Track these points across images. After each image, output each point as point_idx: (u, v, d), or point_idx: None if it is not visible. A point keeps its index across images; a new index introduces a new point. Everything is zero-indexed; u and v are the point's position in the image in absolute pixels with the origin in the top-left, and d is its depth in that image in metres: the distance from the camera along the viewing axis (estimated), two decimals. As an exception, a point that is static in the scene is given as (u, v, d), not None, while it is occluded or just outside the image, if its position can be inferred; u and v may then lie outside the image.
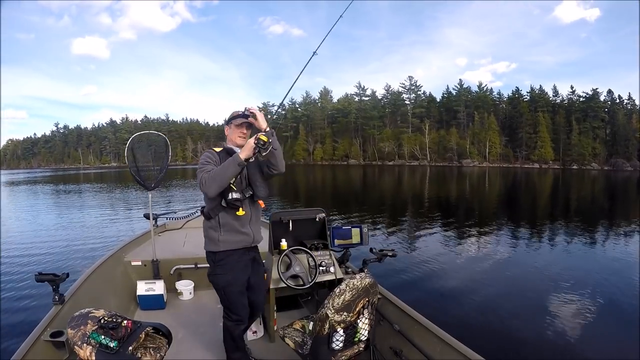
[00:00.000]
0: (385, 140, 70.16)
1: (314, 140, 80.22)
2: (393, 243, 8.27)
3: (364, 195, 20.41)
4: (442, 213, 13.01)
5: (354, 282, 1.67)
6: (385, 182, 31.00)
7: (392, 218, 11.80)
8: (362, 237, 2.84)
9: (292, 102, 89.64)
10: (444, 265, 6.59)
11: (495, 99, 70.44)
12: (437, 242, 8.42)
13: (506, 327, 4.27)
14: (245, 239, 2.06)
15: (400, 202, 16.84)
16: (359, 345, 1.83)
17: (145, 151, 3.55)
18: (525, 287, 5.54)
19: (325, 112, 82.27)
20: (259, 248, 2.47)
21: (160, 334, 1.81)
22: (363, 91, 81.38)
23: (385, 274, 5.76)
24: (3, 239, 9.51)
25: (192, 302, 3.30)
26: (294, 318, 2.22)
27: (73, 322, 1.53)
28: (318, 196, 20.18)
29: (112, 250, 3.49)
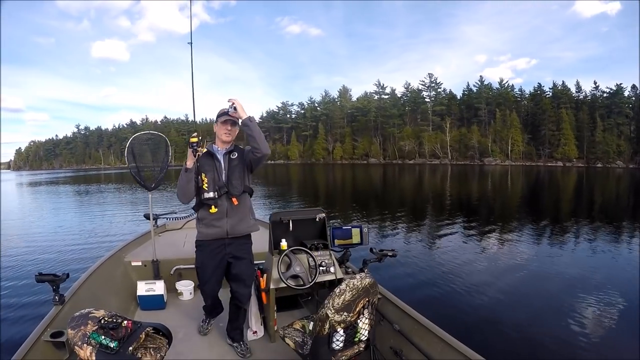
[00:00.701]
0: (406, 139, 68.84)
1: (334, 139, 79.50)
2: (411, 244, 8.13)
3: (384, 195, 19.98)
4: (461, 213, 12.68)
5: (354, 282, 1.67)
6: (405, 181, 30.29)
7: (411, 218, 11.56)
8: (362, 237, 2.84)
9: (311, 101, 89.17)
10: (456, 265, 6.49)
11: (516, 95, 68.10)
12: (455, 243, 8.24)
13: (509, 327, 4.25)
14: (219, 232, 2.29)
15: (420, 202, 16.42)
16: (359, 345, 1.83)
17: (146, 151, 3.55)
18: (537, 288, 5.43)
19: (345, 111, 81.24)
20: (258, 248, 2.59)
21: (160, 334, 1.81)
22: (382, 89, 79.85)
23: (389, 274, 5.74)
24: (4, 239, 9.52)
25: (193, 302, 3.30)
26: (294, 318, 2.22)
27: (73, 322, 1.53)
28: (337, 196, 19.83)
29: (112, 251, 3.50)
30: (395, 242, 8.37)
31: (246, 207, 2.40)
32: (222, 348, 2.55)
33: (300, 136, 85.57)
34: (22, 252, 7.98)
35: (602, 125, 56.64)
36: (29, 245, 8.67)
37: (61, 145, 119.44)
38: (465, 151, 63.87)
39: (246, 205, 2.40)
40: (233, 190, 2.27)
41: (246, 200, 2.40)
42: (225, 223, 2.29)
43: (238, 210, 2.32)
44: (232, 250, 2.36)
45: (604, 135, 55.80)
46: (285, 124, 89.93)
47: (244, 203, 2.36)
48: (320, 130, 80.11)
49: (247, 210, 2.42)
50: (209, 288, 2.44)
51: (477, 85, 70.61)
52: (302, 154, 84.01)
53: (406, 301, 2.37)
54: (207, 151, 2.34)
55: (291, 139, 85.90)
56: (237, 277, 2.39)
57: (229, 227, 2.30)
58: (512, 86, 69.34)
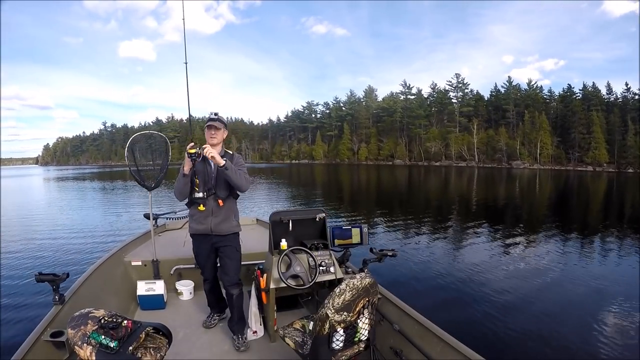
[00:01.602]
0: (432, 140, 66.85)
1: (359, 139, 78.31)
2: (432, 247, 7.98)
3: (408, 197, 19.56)
4: (485, 217, 12.25)
5: (354, 282, 1.67)
6: (430, 183, 29.58)
7: (434, 221, 11.30)
8: (362, 237, 2.84)
9: (337, 100, 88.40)
10: (472, 269, 6.37)
11: (545, 97, 65.31)
12: (474, 247, 8.09)
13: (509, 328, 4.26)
14: (205, 229, 2.54)
15: (445, 205, 16.03)
16: (359, 345, 1.83)
17: (146, 151, 3.55)
18: (545, 293, 5.36)
19: (370, 111, 79.95)
20: (258, 248, 2.74)
21: (160, 334, 1.81)
22: (409, 89, 78.08)
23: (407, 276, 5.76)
24: (4, 238, 9.52)
25: (193, 302, 3.30)
26: (294, 318, 2.22)
27: (73, 322, 1.53)
28: (361, 197, 19.49)
29: (112, 250, 3.50)
30: (416, 246, 8.18)
31: (230, 209, 2.61)
32: (222, 348, 2.55)
33: (325, 136, 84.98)
34: (21, 252, 7.99)
35: (634, 128, 53.33)
36: (29, 245, 8.67)
37: (88, 142, 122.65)
38: (492, 154, 61.83)
39: (231, 207, 2.62)
40: (220, 192, 2.52)
41: (231, 203, 2.62)
42: (210, 221, 2.53)
43: (222, 211, 2.55)
44: (218, 244, 2.60)
45: (635, 139, 52.53)
46: (310, 124, 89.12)
47: (228, 205, 2.59)
48: (345, 131, 79.38)
49: (231, 212, 2.61)
50: (206, 271, 2.74)
51: (505, 86, 68.46)
52: (327, 154, 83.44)
53: (407, 301, 2.37)
54: (202, 156, 2.54)
55: (316, 138, 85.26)
56: (222, 269, 2.65)
57: (213, 225, 2.53)
58: (540, 87, 66.97)
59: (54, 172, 61.79)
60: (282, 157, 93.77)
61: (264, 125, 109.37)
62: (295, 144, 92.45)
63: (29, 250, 8.19)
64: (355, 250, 2.88)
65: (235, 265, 2.63)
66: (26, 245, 8.72)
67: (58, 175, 49.53)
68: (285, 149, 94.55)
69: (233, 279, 2.61)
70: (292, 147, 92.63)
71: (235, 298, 2.60)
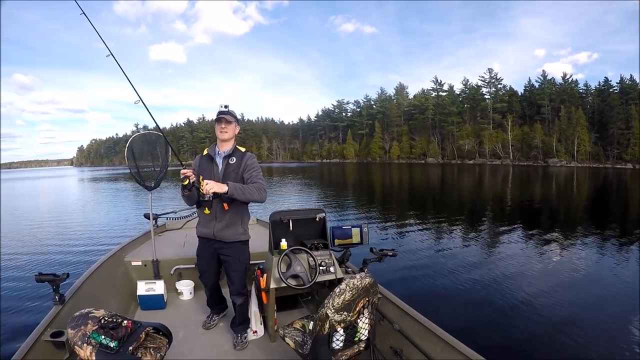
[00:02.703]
0: (465, 138, 64.76)
1: (390, 137, 77.11)
2: (466, 250, 7.70)
3: (441, 197, 18.81)
4: (517, 218, 11.65)
5: (354, 282, 1.67)
6: (464, 182, 28.38)
7: (465, 221, 10.95)
8: (362, 237, 2.83)
9: (367, 98, 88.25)
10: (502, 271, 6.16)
11: (581, 91, 61.70)
12: (505, 249, 7.78)
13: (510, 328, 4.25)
14: (208, 233, 2.45)
15: (478, 205, 15.39)
16: (359, 345, 1.83)
17: (146, 151, 3.55)
18: (555, 296, 5.17)
19: (402, 109, 78.55)
20: (258, 248, 2.69)
21: (160, 334, 1.81)
22: (440, 86, 75.72)
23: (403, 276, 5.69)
24: (4, 239, 9.53)
25: (193, 302, 3.30)
26: (294, 318, 2.22)
27: (73, 322, 1.53)
28: (393, 197, 18.86)
29: (112, 251, 3.50)
30: (447, 248, 7.97)
31: (237, 215, 2.43)
32: (222, 348, 2.55)
33: (356, 135, 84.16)
34: (22, 252, 7.99)
35: (677, 122, 49.31)
36: (28, 245, 8.68)
37: (121, 143, 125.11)
38: (528, 151, 58.78)
39: (238, 212, 2.43)
40: (222, 195, 2.27)
41: (239, 207, 2.42)
42: (214, 226, 2.40)
43: (227, 216, 2.39)
44: (221, 251, 2.49)
45: (679, 133, 48.77)
46: (341, 122, 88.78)
47: (234, 210, 2.40)
48: (376, 129, 78.20)
49: (238, 218, 2.44)
50: (204, 277, 2.67)
51: (539, 81, 65.08)
52: (358, 152, 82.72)
53: (407, 301, 2.37)
54: (208, 154, 2.44)
55: (347, 137, 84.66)
56: (227, 275, 2.57)
57: (216, 231, 2.41)
58: (575, 81, 63.40)
59: (88, 173, 63.06)
60: (313, 156, 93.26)
61: (295, 124, 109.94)
62: (326, 143, 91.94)
63: (29, 250, 8.20)
64: (355, 250, 2.88)
65: (240, 277, 2.53)
66: (26, 245, 8.73)
67: (91, 176, 50.28)
68: (316, 148, 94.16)
69: (237, 289, 2.55)
70: (323, 146, 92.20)
71: (239, 306, 2.57)
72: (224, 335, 2.70)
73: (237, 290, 2.55)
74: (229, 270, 2.52)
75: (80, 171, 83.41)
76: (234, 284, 2.53)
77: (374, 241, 7.84)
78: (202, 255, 2.59)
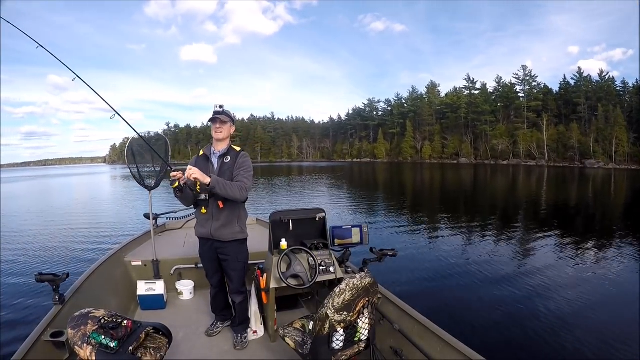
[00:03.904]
0: (499, 137, 62.23)
1: (422, 137, 75.06)
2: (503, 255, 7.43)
3: (473, 200, 17.89)
4: (549, 223, 10.86)
5: (354, 282, 1.67)
6: (497, 184, 27.14)
7: (497, 227, 10.30)
8: (362, 236, 2.83)
9: (398, 97, 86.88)
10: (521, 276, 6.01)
11: (618, 89, 58.26)
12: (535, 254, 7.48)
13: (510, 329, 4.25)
14: (205, 233, 2.46)
15: (512, 208, 14.68)
16: (359, 345, 1.83)
17: (146, 151, 3.55)
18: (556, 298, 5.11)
19: (433, 107, 76.34)
20: (258, 248, 2.71)
21: (160, 333, 1.81)
22: (473, 84, 72.89)
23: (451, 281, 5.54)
24: (4, 239, 9.53)
25: (193, 302, 3.30)
26: (294, 318, 2.22)
27: (73, 322, 1.53)
28: (424, 199, 18.13)
29: (112, 251, 3.50)
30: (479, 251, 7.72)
31: (233, 213, 2.44)
32: (222, 348, 2.55)
33: (388, 134, 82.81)
34: (22, 252, 7.99)
35: None
36: (28, 245, 8.68)
37: (152, 142, 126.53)
38: (564, 152, 56.03)
39: (234, 211, 2.44)
40: (206, 187, 2.29)
41: (234, 206, 2.43)
42: (211, 225, 2.42)
43: (223, 215, 2.40)
44: (219, 251, 2.50)
45: None
46: (372, 122, 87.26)
47: (230, 208, 2.41)
48: (408, 128, 76.72)
49: (234, 217, 2.45)
50: (210, 275, 2.66)
51: (575, 78, 61.69)
52: (390, 152, 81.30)
53: (407, 301, 2.37)
54: (204, 154, 2.49)
55: (378, 136, 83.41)
56: (226, 275, 2.61)
57: (213, 230, 2.42)
58: (612, 79, 59.70)
59: (120, 171, 63.32)
60: (344, 155, 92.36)
61: (325, 123, 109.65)
62: (357, 142, 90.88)
63: (29, 250, 8.20)
64: (355, 250, 2.88)
65: (238, 276, 2.56)
66: (26, 245, 8.73)
67: (122, 174, 50.19)
68: (347, 147, 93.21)
69: (236, 288, 2.57)
70: (354, 146, 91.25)
71: (238, 305, 2.60)
72: (224, 335, 2.70)
73: (236, 288, 2.57)
74: (227, 269, 2.53)
75: (113, 169, 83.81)
76: (233, 282, 2.56)
77: (399, 245, 7.87)
78: (204, 255, 2.60)
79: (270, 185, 25.62)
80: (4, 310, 4.72)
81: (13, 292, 5.39)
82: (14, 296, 5.23)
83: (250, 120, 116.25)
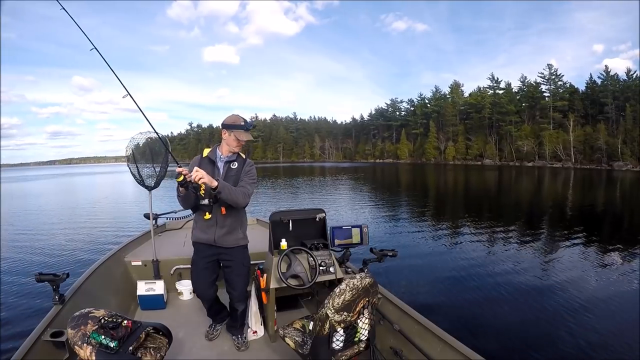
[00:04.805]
0: (524, 138, 60.52)
1: (446, 137, 73.07)
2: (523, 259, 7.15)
3: (497, 204, 16.96)
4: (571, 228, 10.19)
5: (354, 282, 1.67)
6: (522, 187, 25.89)
7: (521, 232, 9.83)
8: (362, 237, 2.83)
9: (421, 97, 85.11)
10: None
11: None
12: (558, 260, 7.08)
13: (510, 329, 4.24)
14: (208, 239, 2.39)
15: (537, 212, 13.92)
16: (359, 345, 1.83)
17: (146, 151, 3.55)
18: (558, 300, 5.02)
19: (457, 108, 74.30)
20: (258, 248, 2.70)
21: (160, 333, 1.81)
22: (497, 84, 70.83)
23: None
24: (4, 239, 9.53)
25: (193, 302, 3.30)
26: (294, 318, 2.22)
27: (73, 322, 1.53)
28: (447, 203, 17.31)
29: (112, 250, 3.50)
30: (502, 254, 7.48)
31: (237, 220, 2.43)
32: (222, 348, 2.55)
33: (410, 134, 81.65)
34: (22, 252, 7.99)
35: None
36: (28, 245, 8.68)
37: (175, 141, 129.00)
38: (591, 153, 53.75)
39: (237, 217, 2.43)
40: (212, 190, 2.26)
41: (238, 212, 2.42)
42: (215, 232, 2.38)
43: (227, 221, 2.38)
44: (222, 257, 2.45)
45: None
46: (394, 122, 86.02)
47: (234, 215, 2.40)
48: (431, 128, 75.10)
49: (238, 223, 2.44)
50: (198, 288, 2.54)
51: (602, 77, 59.02)
52: (412, 153, 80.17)
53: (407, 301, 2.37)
54: (209, 157, 2.44)
55: (401, 137, 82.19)
56: (228, 282, 2.50)
57: (217, 237, 2.38)
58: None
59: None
60: (366, 156, 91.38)
61: (347, 123, 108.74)
62: (379, 142, 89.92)
63: (29, 250, 8.20)
64: (355, 250, 2.88)
65: (243, 281, 2.50)
66: (26, 245, 8.73)
67: None
68: (369, 147, 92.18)
69: (241, 295, 2.50)
70: (376, 146, 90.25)
71: (241, 312, 2.54)
72: (224, 335, 2.70)
73: (240, 295, 2.49)
74: (231, 275, 2.46)
75: None
76: (236, 289, 2.47)
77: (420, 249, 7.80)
78: (197, 261, 2.48)
79: (290, 184, 26.01)
80: (4, 310, 4.72)
81: (13, 292, 5.39)
82: (14, 296, 5.23)
83: (272, 120, 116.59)
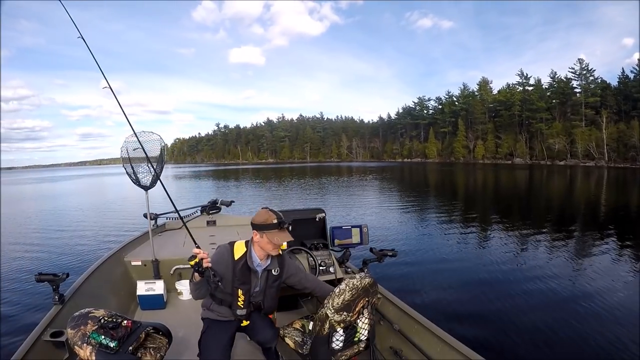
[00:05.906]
0: (555, 136, 58.11)
1: (475, 136, 71.54)
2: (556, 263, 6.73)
3: (528, 207, 15.40)
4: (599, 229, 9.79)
5: (354, 282, 1.67)
6: (553, 188, 24.39)
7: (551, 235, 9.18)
8: (362, 237, 2.83)
9: (449, 94, 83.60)
10: None
11: None
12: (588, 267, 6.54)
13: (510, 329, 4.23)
14: (228, 316, 2.04)
15: (568, 213, 13.32)
16: (358, 345, 1.83)
17: (142, 151, 3.53)
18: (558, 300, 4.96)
19: (486, 105, 72.27)
20: None
21: (160, 333, 1.81)
22: (526, 80, 68.57)
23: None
24: (4, 239, 9.52)
25: (192, 302, 3.29)
26: (294, 318, 2.21)
27: (73, 322, 1.53)
28: (477, 202, 16.92)
29: (112, 250, 3.49)
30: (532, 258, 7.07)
31: None
32: None
33: (439, 133, 79.89)
34: (22, 252, 7.99)
35: None
36: (28, 245, 8.68)
37: (203, 142, 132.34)
38: (624, 151, 50.94)
39: None
40: (267, 309, 2.08)
41: None
42: (241, 322, 2.07)
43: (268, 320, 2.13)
44: (245, 327, 2.10)
45: None
46: (422, 120, 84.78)
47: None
48: (459, 127, 73.29)
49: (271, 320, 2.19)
50: None
51: (635, 71, 56.00)
52: (441, 152, 78.72)
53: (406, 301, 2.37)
54: (245, 264, 1.95)
55: (429, 135, 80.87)
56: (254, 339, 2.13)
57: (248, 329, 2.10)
58: None
59: (171, 170, 64.52)
60: (394, 155, 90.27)
61: (375, 123, 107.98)
62: (407, 141, 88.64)
63: (29, 250, 8.20)
64: (355, 251, 2.88)
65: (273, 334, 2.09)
66: (26, 245, 8.73)
67: (172, 174, 50.77)
68: (397, 147, 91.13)
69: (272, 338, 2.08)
70: (404, 145, 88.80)
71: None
72: None
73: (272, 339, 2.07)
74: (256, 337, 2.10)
75: (165, 168, 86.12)
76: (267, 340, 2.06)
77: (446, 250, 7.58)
78: (212, 342, 1.98)
79: (319, 183, 26.29)
80: (4, 310, 4.72)
81: (13, 292, 5.39)
82: (14, 296, 5.23)
83: (299, 120, 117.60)
